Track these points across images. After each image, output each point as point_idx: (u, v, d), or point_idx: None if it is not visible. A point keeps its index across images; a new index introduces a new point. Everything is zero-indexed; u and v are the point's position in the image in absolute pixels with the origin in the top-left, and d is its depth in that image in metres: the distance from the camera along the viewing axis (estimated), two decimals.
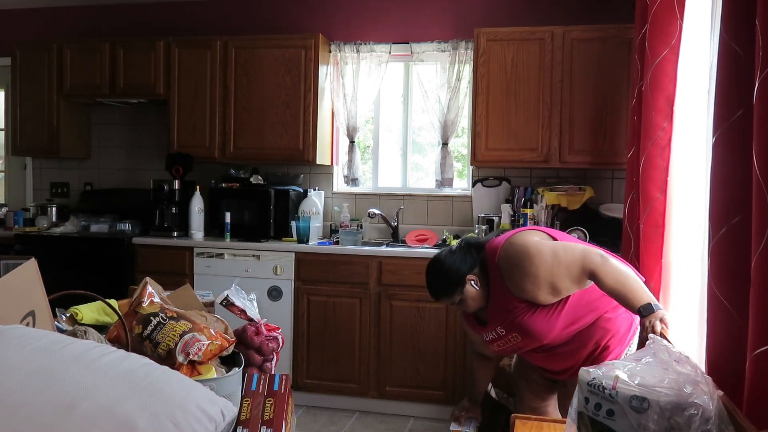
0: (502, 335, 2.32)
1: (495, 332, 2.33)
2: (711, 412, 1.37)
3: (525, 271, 2.20)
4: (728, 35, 1.68)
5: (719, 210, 1.72)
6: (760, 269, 1.42)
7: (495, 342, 2.36)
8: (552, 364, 2.41)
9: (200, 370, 1.73)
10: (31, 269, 1.62)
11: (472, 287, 2.29)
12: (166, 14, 4.80)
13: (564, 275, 2.19)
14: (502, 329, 2.31)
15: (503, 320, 2.29)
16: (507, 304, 2.26)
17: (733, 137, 1.65)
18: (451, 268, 2.29)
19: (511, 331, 2.29)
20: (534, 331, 2.25)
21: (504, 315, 2.28)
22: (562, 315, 2.25)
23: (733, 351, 1.63)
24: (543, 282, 2.19)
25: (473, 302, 2.32)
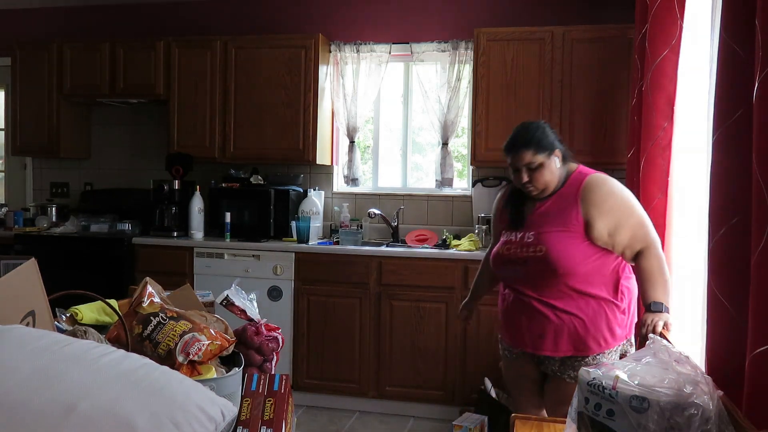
0: (527, 242, 2.30)
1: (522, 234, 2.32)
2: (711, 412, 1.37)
3: (612, 194, 2.27)
4: (728, 35, 1.68)
5: (719, 210, 1.72)
6: (759, 268, 1.42)
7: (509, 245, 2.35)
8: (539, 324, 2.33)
9: (200, 370, 1.72)
10: (31, 269, 1.62)
11: (554, 162, 2.31)
12: (166, 14, 4.80)
13: (632, 226, 2.25)
14: (532, 235, 2.29)
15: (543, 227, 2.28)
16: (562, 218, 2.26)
17: (733, 137, 1.65)
18: (550, 133, 2.34)
19: (540, 241, 2.27)
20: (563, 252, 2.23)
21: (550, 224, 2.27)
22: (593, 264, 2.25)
23: (733, 350, 1.63)
24: (616, 215, 2.23)
25: (548, 176, 2.30)
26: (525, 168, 2.32)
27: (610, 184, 2.31)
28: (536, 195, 2.36)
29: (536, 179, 2.32)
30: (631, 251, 2.27)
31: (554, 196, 2.34)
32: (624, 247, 2.26)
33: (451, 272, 3.80)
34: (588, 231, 2.25)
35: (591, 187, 2.30)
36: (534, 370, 2.48)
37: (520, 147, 2.32)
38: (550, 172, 2.31)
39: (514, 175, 2.38)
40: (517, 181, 2.37)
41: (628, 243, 2.26)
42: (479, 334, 3.76)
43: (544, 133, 2.34)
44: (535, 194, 2.36)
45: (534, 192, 2.35)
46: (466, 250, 3.86)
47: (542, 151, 2.30)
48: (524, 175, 2.32)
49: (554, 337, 2.31)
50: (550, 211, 2.32)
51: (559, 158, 2.33)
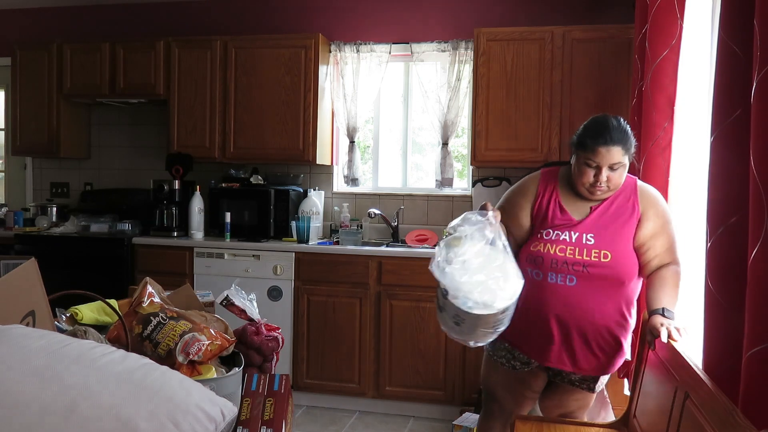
0: (587, 244, 2.11)
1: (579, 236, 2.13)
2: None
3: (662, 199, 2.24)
4: (727, 35, 1.68)
5: (717, 209, 1.73)
6: (756, 268, 1.43)
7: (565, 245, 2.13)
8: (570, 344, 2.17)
9: (200, 370, 1.73)
10: (31, 269, 1.62)
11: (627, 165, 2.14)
12: (166, 14, 4.80)
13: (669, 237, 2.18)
14: (593, 238, 2.12)
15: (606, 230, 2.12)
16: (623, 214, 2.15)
17: (732, 137, 1.66)
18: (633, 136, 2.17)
19: (602, 247, 2.10)
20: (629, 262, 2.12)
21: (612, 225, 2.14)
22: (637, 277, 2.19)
23: (730, 350, 1.64)
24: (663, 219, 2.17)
25: (621, 177, 2.14)
26: (608, 167, 2.09)
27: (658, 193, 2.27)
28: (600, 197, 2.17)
29: (614, 180, 2.12)
30: (660, 262, 2.16)
31: (610, 198, 2.19)
32: (657, 255, 2.15)
33: None
34: (637, 229, 2.15)
35: (646, 188, 2.24)
36: (542, 381, 2.37)
37: (615, 142, 2.08)
38: (623, 173, 2.15)
39: (588, 171, 2.12)
40: (589, 178, 2.12)
41: (660, 252, 2.15)
42: None
43: (630, 132, 2.15)
44: (602, 197, 2.17)
45: (603, 195, 2.16)
46: None
47: (629, 152, 2.13)
48: (604, 175, 2.10)
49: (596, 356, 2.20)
50: (609, 212, 2.17)
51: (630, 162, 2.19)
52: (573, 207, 2.21)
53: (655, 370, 2.04)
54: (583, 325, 2.15)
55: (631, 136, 2.14)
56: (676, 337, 1.95)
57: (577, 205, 2.21)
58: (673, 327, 1.98)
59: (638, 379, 2.19)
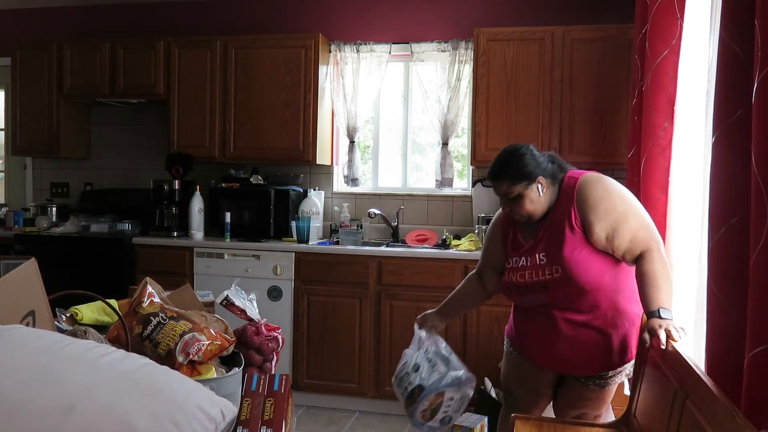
0: (540, 264, 2.18)
1: (533, 258, 2.20)
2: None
3: (608, 196, 2.15)
4: (727, 35, 1.68)
5: (718, 210, 1.72)
6: (758, 269, 1.43)
7: (523, 270, 2.22)
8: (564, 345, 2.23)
9: (200, 370, 1.73)
10: (31, 269, 1.62)
11: (537, 190, 2.18)
12: (166, 14, 4.80)
13: (632, 228, 2.12)
14: (545, 257, 2.18)
15: (552, 246, 2.16)
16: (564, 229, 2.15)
17: (733, 137, 1.65)
18: (530, 161, 2.19)
19: (554, 263, 2.15)
20: (582, 270, 2.12)
21: (556, 241, 2.16)
22: (612, 277, 2.16)
23: (732, 350, 1.64)
24: (614, 217, 2.11)
25: (530, 205, 2.19)
26: (504, 197, 2.24)
27: (604, 184, 2.19)
28: (526, 222, 2.26)
29: (516, 209, 2.22)
30: (632, 255, 2.14)
31: (551, 213, 2.22)
32: (624, 252, 2.13)
33: (451, 272, 3.80)
34: (587, 235, 2.13)
35: (585, 189, 2.17)
36: (554, 375, 2.41)
37: (496, 178, 2.24)
38: (530, 201, 2.19)
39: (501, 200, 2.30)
40: (503, 208, 2.31)
41: (627, 247, 2.12)
42: (479, 334, 3.76)
43: (523, 161, 2.19)
44: (523, 221, 2.26)
45: (521, 220, 2.26)
46: (466, 250, 3.86)
47: (519, 182, 2.18)
48: (504, 205, 2.27)
49: (586, 358, 2.24)
50: (552, 226, 2.20)
51: (543, 185, 2.19)
52: (528, 231, 2.29)
53: (655, 370, 2.03)
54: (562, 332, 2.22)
55: (519, 167, 2.18)
56: (676, 337, 1.94)
57: (531, 228, 2.28)
58: (672, 327, 1.97)
59: (638, 379, 2.19)
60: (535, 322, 2.29)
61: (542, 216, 2.23)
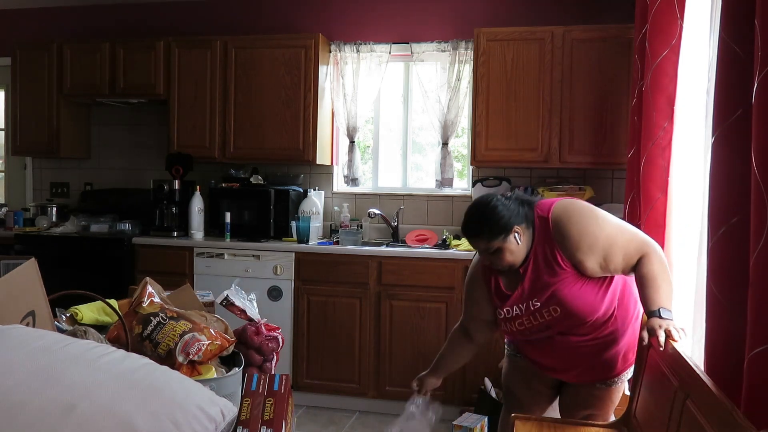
0: (535, 308, 2.16)
1: (526, 305, 2.18)
2: None
3: (586, 230, 2.11)
4: (727, 35, 1.68)
5: (718, 210, 1.72)
6: (758, 269, 1.43)
7: (521, 319, 2.20)
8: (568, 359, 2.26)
9: (200, 370, 1.73)
10: (31, 269, 1.62)
11: (515, 240, 2.14)
12: (166, 14, 4.80)
13: (621, 248, 2.10)
14: (538, 301, 2.15)
15: (543, 289, 2.14)
16: (552, 269, 2.13)
17: (732, 137, 1.65)
18: (503, 213, 2.14)
19: (549, 304, 2.13)
20: (581, 304, 2.12)
21: (545, 282, 2.14)
22: (609, 293, 2.16)
23: (732, 350, 1.64)
24: (600, 247, 2.09)
25: (510, 256, 2.15)
26: (483, 252, 2.21)
27: (578, 216, 2.14)
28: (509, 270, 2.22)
29: (497, 262, 2.19)
30: (630, 266, 2.13)
31: (531, 255, 2.18)
32: (622, 268, 2.13)
33: (451, 272, 3.80)
34: (581, 271, 2.12)
35: (561, 228, 2.13)
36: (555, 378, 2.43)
37: (472, 236, 2.21)
38: (510, 252, 2.15)
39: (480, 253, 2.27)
40: (482, 261, 2.28)
41: (623, 264, 2.12)
42: None
43: (496, 214, 2.14)
44: (506, 270, 2.22)
45: (504, 269, 2.22)
46: (466, 250, 3.86)
47: (496, 237, 2.13)
48: (484, 259, 2.24)
49: (590, 368, 2.25)
50: (537, 269, 2.17)
51: (519, 233, 2.15)
52: (510, 280, 2.24)
53: (655, 370, 2.03)
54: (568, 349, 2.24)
55: (492, 222, 2.13)
56: (676, 337, 1.94)
57: (513, 276, 2.24)
58: (672, 327, 1.97)
59: (638, 379, 2.19)
60: (536, 341, 2.29)
61: (522, 261, 2.19)
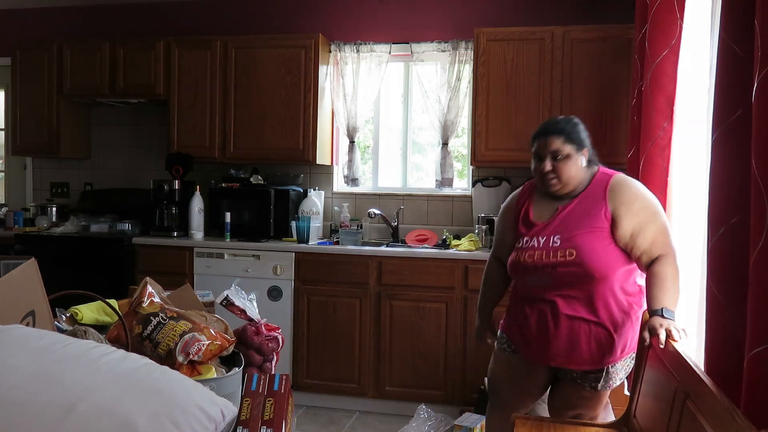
0: (554, 246, 2.19)
1: (546, 240, 2.21)
2: None
3: (643, 195, 2.21)
4: (727, 35, 1.68)
5: (718, 210, 1.72)
6: (758, 269, 1.43)
7: (533, 251, 2.22)
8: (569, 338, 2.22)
9: (200, 370, 1.73)
10: (31, 269, 1.62)
11: (581, 160, 2.24)
12: (166, 14, 4.80)
13: (656, 231, 2.16)
14: (559, 239, 2.18)
15: (570, 229, 2.18)
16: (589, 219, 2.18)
17: (732, 137, 1.66)
18: (584, 131, 2.28)
19: (568, 246, 2.16)
20: (596, 258, 2.14)
21: (577, 225, 2.18)
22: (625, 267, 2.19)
23: (732, 350, 1.64)
24: (644, 215, 2.16)
25: (569, 172, 2.21)
26: (550, 156, 2.23)
27: (638, 185, 2.27)
28: (557, 191, 2.25)
29: (560, 170, 2.22)
30: (649, 257, 2.16)
31: (578, 198, 2.25)
32: (643, 252, 2.16)
33: (451, 272, 3.80)
34: (613, 229, 2.16)
35: (620, 185, 2.23)
36: (547, 376, 2.39)
37: (551, 133, 2.24)
38: (575, 167, 2.23)
39: (536, 163, 2.27)
40: (539, 170, 2.26)
41: (647, 247, 2.15)
42: None
43: (577, 127, 2.27)
44: (555, 189, 2.25)
45: (555, 186, 2.24)
46: (466, 250, 3.86)
47: (572, 143, 2.22)
48: (548, 163, 2.23)
49: (588, 350, 2.22)
50: (576, 212, 2.22)
51: (585, 157, 2.26)
52: (542, 211, 2.30)
53: (655, 370, 2.03)
54: (561, 322, 2.22)
55: (576, 129, 2.26)
56: (677, 338, 1.94)
57: (547, 208, 2.29)
58: (673, 327, 1.97)
59: (638, 379, 2.19)
60: (536, 313, 2.27)
61: (565, 197, 2.27)
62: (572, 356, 2.25)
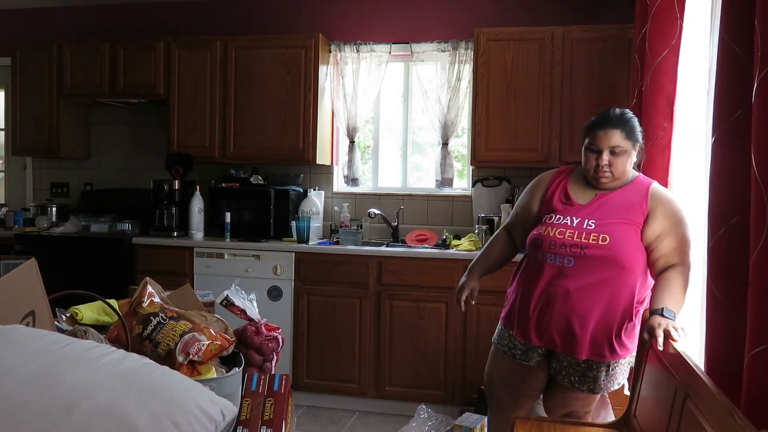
0: (587, 228, 2.19)
1: (580, 221, 2.21)
2: None
3: (676, 203, 2.25)
4: (728, 35, 1.68)
5: (718, 210, 1.72)
6: (758, 269, 1.43)
7: (565, 228, 2.21)
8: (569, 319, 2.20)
9: (200, 370, 1.73)
10: (31, 269, 1.62)
11: (634, 155, 2.25)
12: (166, 14, 4.80)
13: (678, 238, 2.18)
14: (594, 223, 2.19)
15: (607, 216, 2.20)
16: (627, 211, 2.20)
17: (733, 137, 1.66)
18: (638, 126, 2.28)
19: (602, 231, 2.17)
20: (628, 249, 2.16)
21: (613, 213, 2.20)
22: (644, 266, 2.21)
23: (732, 350, 1.64)
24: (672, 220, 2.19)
25: (623, 166, 2.22)
26: (608, 150, 2.21)
27: (676, 197, 2.32)
28: (605, 185, 2.26)
29: (616, 165, 2.21)
30: (666, 262, 2.17)
31: (618, 190, 2.26)
32: (662, 255, 2.18)
33: (451, 272, 3.80)
34: (644, 227, 2.19)
35: (662, 191, 2.27)
36: (542, 380, 2.38)
37: (613, 125, 2.21)
38: (630, 162, 2.24)
39: (591, 156, 2.24)
40: (593, 163, 2.24)
41: (668, 252, 2.17)
42: (479, 334, 3.76)
43: (634, 122, 2.26)
44: (604, 184, 2.25)
45: (606, 181, 2.25)
46: (466, 250, 3.86)
47: (631, 139, 2.22)
48: (605, 157, 2.21)
49: (591, 338, 2.20)
50: (615, 202, 2.24)
51: (636, 154, 2.27)
52: (579, 194, 2.31)
53: (655, 370, 2.03)
54: (571, 303, 2.20)
55: (634, 124, 2.25)
56: (675, 337, 1.94)
57: (585, 192, 2.30)
58: (671, 327, 1.97)
59: (638, 379, 2.19)
60: (545, 291, 2.24)
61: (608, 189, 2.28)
62: (574, 342, 2.21)
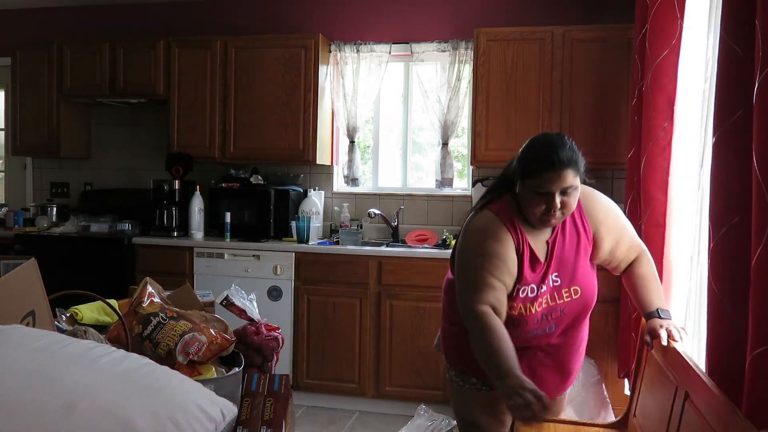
0: (555, 286, 1.93)
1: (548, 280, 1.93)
2: None
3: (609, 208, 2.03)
4: (728, 35, 1.68)
5: (719, 210, 1.72)
6: (759, 269, 1.43)
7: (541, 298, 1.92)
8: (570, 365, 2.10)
9: (200, 370, 1.73)
10: (31, 269, 1.62)
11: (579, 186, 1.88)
12: (166, 14, 4.80)
13: (629, 238, 2.05)
14: (558, 277, 1.93)
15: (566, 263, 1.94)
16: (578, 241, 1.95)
17: (733, 137, 1.65)
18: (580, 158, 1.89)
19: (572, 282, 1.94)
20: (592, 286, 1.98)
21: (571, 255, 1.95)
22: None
23: (733, 351, 1.63)
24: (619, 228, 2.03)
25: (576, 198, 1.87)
26: (560, 192, 1.83)
27: (600, 196, 2.06)
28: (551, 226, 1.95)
29: (569, 205, 1.86)
30: (627, 263, 2.08)
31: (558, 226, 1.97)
32: (621, 261, 2.07)
33: None
34: (594, 249, 2.01)
35: (591, 202, 2.01)
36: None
37: (565, 165, 1.81)
38: (576, 196, 1.88)
39: (537, 200, 1.85)
40: (540, 209, 1.86)
41: (625, 256, 2.06)
42: None
43: (578, 151, 1.88)
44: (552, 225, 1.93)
45: (556, 222, 1.91)
46: None
47: (580, 172, 1.86)
48: (557, 200, 1.83)
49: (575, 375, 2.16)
50: (566, 243, 1.96)
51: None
52: (539, 248, 1.95)
53: (655, 370, 2.03)
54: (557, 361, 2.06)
55: (579, 154, 1.87)
56: (677, 338, 1.94)
57: (538, 244, 1.96)
58: (673, 327, 1.97)
59: (638, 379, 2.19)
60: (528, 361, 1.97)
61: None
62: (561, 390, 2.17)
